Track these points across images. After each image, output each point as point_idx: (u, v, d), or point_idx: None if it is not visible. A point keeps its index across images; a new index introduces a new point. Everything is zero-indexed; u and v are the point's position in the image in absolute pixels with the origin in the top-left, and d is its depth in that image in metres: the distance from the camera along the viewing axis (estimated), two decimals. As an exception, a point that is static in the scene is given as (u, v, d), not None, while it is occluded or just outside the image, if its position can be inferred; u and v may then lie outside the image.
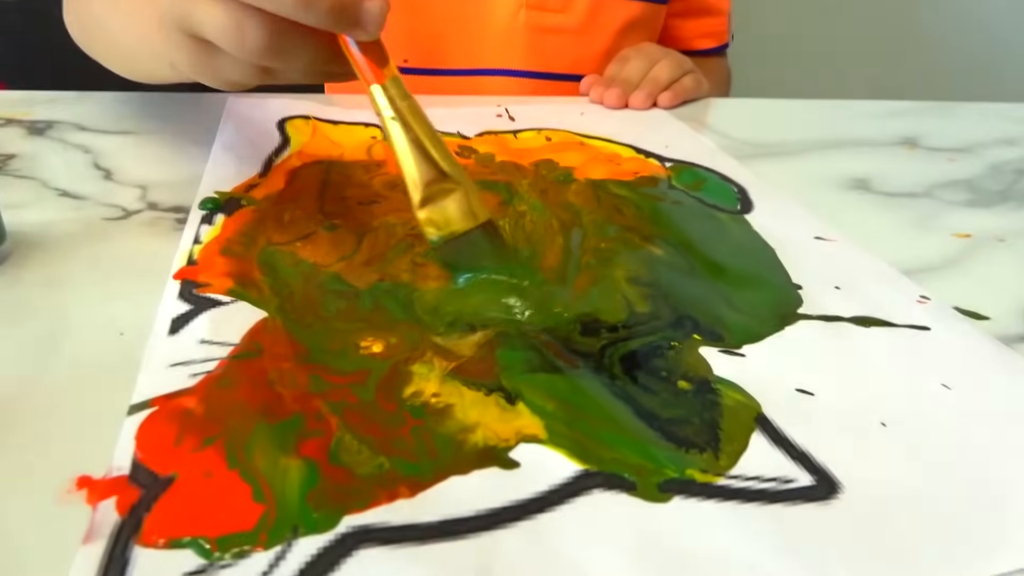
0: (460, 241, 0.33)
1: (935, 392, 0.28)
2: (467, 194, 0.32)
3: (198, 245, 0.35)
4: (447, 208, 0.32)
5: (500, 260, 0.34)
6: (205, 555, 0.20)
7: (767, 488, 0.23)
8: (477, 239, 0.33)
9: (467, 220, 0.32)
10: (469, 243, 0.33)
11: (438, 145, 0.32)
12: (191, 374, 0.26)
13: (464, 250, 0.33)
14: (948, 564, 0.21)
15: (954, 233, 0.42)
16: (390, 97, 0.32)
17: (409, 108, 0.32)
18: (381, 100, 0.32)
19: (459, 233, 0.32)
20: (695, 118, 0.60)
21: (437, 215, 0.32)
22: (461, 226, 0.32)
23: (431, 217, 0.32)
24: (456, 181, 0.32)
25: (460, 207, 0.32)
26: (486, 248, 0.33)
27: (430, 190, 0.32)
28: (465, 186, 0.32)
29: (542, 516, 0.22)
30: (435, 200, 0.32)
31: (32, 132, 0.49)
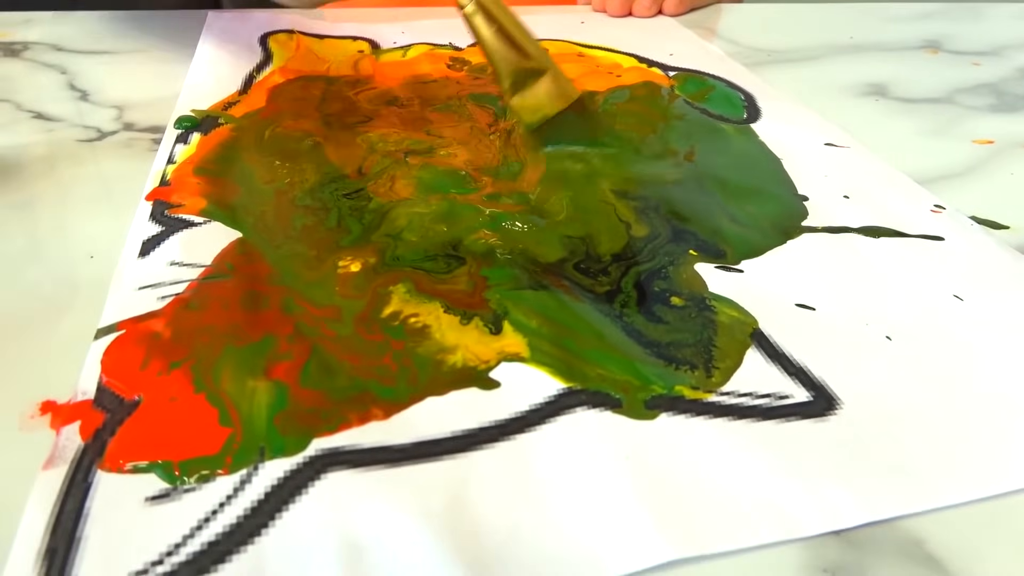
0: (554, 122, 0.34)
1: (947, 304, 0.27)
2: (555, 76, 0.34)
3: (172, 165, 0.33)
4: (537, 93, 0.34)
5: (594, 133, 0.36)
6: (169, 479, 0.19)
7: (760, 404, 0.22)
8: (570, 118, 0.34)
9: (558, 101, 0.34)
10: (564, 123, 0.34)
11: (521, 31, 0.34)
12: (160, 296, 0.25)
13: (562, 130, 0.34)
14: (952, 481, 0.20)
15: (975, 139, 0.40)
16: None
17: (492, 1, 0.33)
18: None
19: (551, 115, 0.34)
20: (703, 25, 0.57)
21: (529, 100, 0.34)
22: (552, 108, 0.34)
23: (523, 103, 0.34)
24: (543, 64, 0.34)
25: (549, 90, 0.34)
26: (579, 125, 0.35)
27: (518, 76, 0.34)
28: (551, 69, 0.34)
29: (521, 436, 0.21)
30: (525, 86, 0.34)
31: (7, 54, 0.47)
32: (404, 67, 0.45)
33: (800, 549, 0.18)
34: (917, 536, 0.18)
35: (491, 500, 0.19)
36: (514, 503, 0.19)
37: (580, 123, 0.35)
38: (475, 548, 0.18)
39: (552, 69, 0.34)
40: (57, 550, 0.17)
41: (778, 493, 0.19)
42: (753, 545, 0.18)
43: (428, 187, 0.32)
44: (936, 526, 0.19)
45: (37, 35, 0.50)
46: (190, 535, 0.18)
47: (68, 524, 0.18)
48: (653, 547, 0.18)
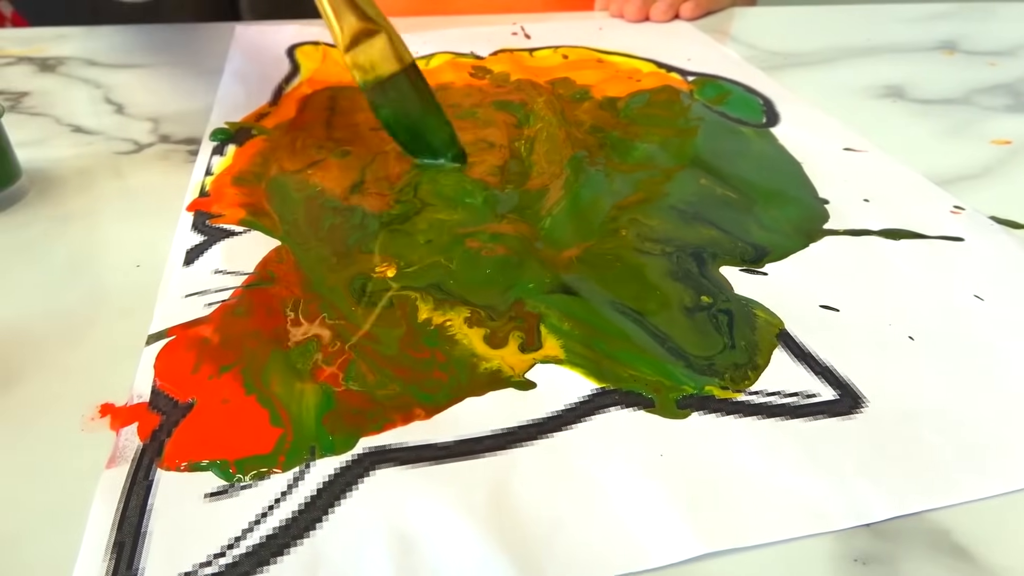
0: (387, 86, 0.34)
1: (968, 304, 0.27)
2: (391, 38, 0.34)
3: (210, 176, 0.34)
4: (372, 52, 0.34)
5: (424, 107, 0.35)
6: (226, 477, 0.20)
7: (788, 403, 0.23)
8: (402, 84, 0.35)
9: (391, 63, 0.34)
10: (395, 88, 0.34)
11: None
12: (207, 303, 0.26)
13: (392, 96, 0.35)
14: (975, 478, 0.20)
15: (993, 140, 0.40)
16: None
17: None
18: None
19: (384, 77, 0.34)
20: (719, 29, 0.58)
21: (363, 58, 0.34)
22: (386, 69, 0.34)
23: (357, 61, 0.34)
24: (379, 24, 0.34)
25: (383, 51, 0.34)
26: (411, 94, 0.35)
27: (354, 33, 0.34)
28: (388, 30, 0.34)
29: (559, 434, 0.21)
30: (360, 44, 0.34)
31: (43, 69, 0.49)
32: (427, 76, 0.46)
33: (831, 540, 0.19)
34: (944, 526, 0.19)
35: (532, 494, 0.20)
36: (555, 497, 0.20)
37: (412, 91, 0.35)
38: (519, 540, 0.18)
39: (388, 30, 0.34)
40: (124, 544, 0.18)
41: (808, 489, 0.20)
42: (785, 538, 0.19)
43: (447, 197, 0.33)
44: (962, 517, 0.19)
45: (70, 50, 0.51)
46: (249, 529, 0.19)
47: (133, 519, 0.19)
48: (689, 540, 0.19)
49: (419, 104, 0.35)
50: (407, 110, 0.35)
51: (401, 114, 0.35)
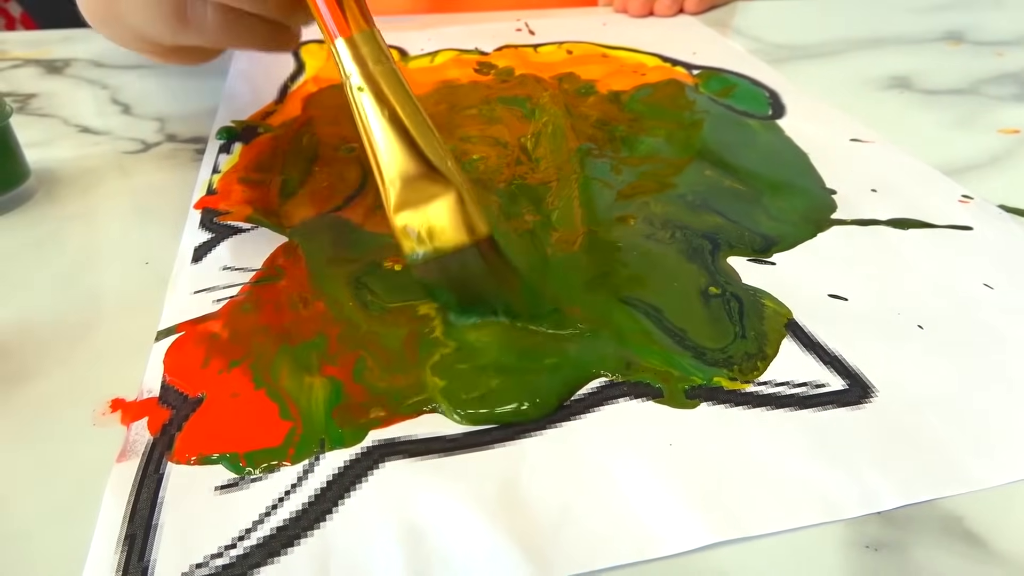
0: (448, 261, 0.24)
1: (977, 293, 0.27)
2: (462, 200, 0.24)
3: (217, 174, 0.34)
4: (433, 216, 0.24)
5: (499, 288, 0.25)
6: (235, 470, 0.20)
7: (797, 393, 0.23)
8: (471, 261, 0.24)
9: (459, 234, 0.24)
10: (460, 265, 0.24)
11: (424, 130, 0.24)
12: (215, 299, 0.26)
13: (452, 273, 0.25)
14: (985, 466, 0.20)
15: (1000, 129, 0.40)
16: (359, 58, 0.24)
17: (385, 75, 0.24)
18: (346, 61, 0.24)
19: (446, 251, 0.24)
20: (724, 22, 0.57)
21: (419, 223, 0.24)
22: (450, 242, 0.24)
23: (410, 225, 0.24)
24: (447, 180, 0.24)
25: (451, 217, 0.24)
26: (480, 272, 0.24)
27: (411, 189, 0.24)
28: (460, 188, 0.24)
29: (567, 424, 0.21)
30: (417, 204, 0.24)
31: (50, 71, 0.49)
32: (433, 73, 0.46)
33: (842, 527, 0.19)
34: (956, 513, 0.19)
35: (541, 484, 0.20)
36: (564, 487, 0.20)
37: (482, 268, 0.24)
38: (528, 529, 0.18)
39: (460, 188, 0.24)
40: (136, 536, 0.18)
41: (818, 478, 0.20)
42: (795, 527, 0.19)
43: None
44: (974, 503, 0.19)
45: (77, 52, 0.52)
46: (260, 520, 0.19)
47: (144, 512, 0.19)
48: (699, 529, 0.19)
49: (491, 284, 0.25)
50: (471, 290, 0.25)
51: (459, 292, 0.25)
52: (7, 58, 0.51)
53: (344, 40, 0.24)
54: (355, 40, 0.24)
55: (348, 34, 0.24)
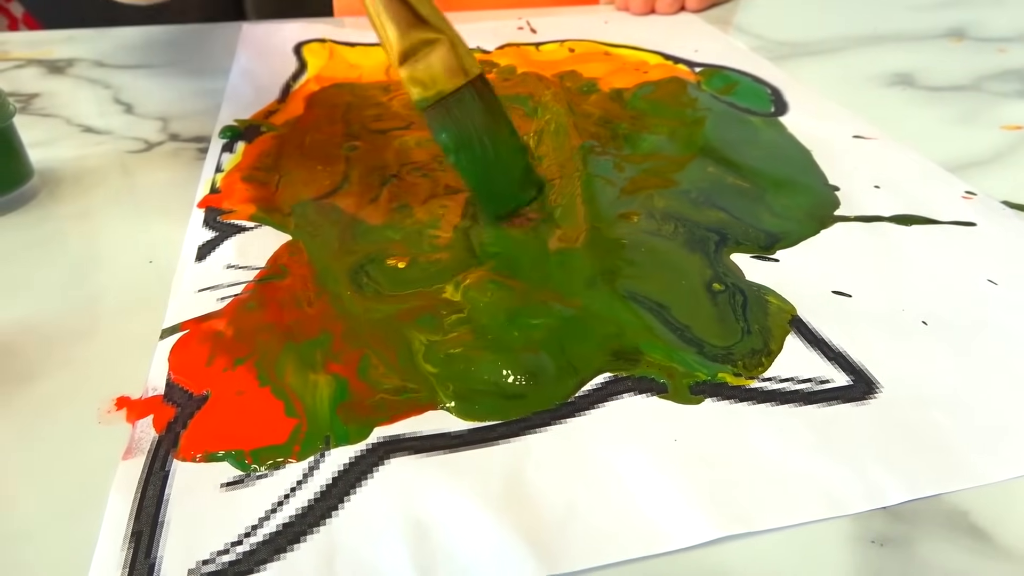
0: (449, 102, 0.28)
1: (981, 288, 0.27)
2: (454, 45, 0.28)
3: (220, 173, 0.34)
4: (432, 63, 0.28)
5: (493, 122, 0.29)
6: (241, 467, 0.20)
7: (802, 389, 0.23)
8: (468, 99, 0.28)
9: (455, 76, 0.28)
10: (459, 104, 0.28)
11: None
12: (219, 298, 0.26)
13: (455, 113, 0.28)
14: (990, 461, 0.20)
15: (1003, 125, 0.40)
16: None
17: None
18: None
19: (447, 92, 0.28)
20: (726, 20, 0.57)
21: (421, 72, 0.28)
22: (449, 84, 0.28)
23: (414, 75, 0.28)
24: (439, 30, 0.28)
25: (446, 61, 0.28)
26: (478, 110, 0.29)
27: (409, 41, 0.27)
28: (450, 36, 0.28)
29: (572, 420, 0.21)
30: (417, 54, 0.28)
31: (53, 71, 0.49)
32: (434, 72, 0.46)
33: (848, 522, 0.19)
34: (962, 508, 0.19)
35: (547, 480, 0.20)
36: (569, 482, 0.20)
37: (479, 108, 0.29)
38: (534, 525, 0.18)
39: (450, 35, 0.28)
40: (142, 533, 0.18)
41: (823, 473, 0.20)
42: (800, 522, 0.19)
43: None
44: (980, 499, 0.19)
45: (79, 52, 0.52)
46: (266, 517, 0.19)
47: (151, 509, 0.19)
48: (704, 524, 0.19)
49: (488, 123, 0.29)
50: (473, 131, 0.29)
51: (466, 137, 0.29)
52: (10, 58, 0.51)
53: None
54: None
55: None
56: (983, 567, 0.18)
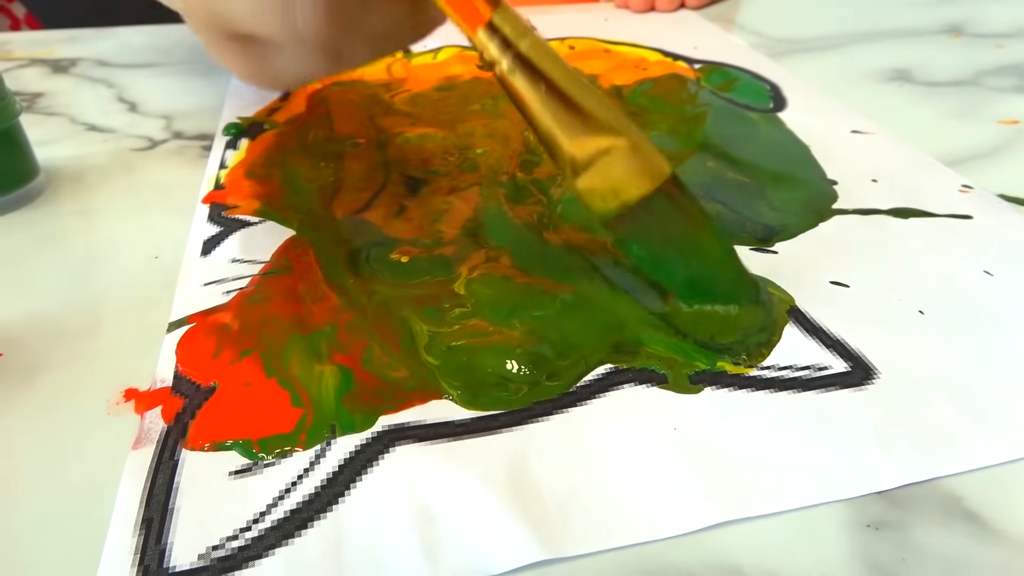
0: (637, 212, 0.24)
1: (977, 279, 0.27)
2: (635, 146, 0.23)
3: (224, 169, 0.35)
4: (611, 171, 0.23)
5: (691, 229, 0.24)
6: (249, 455, 0.20)
7: (800, 376, 0.23)
8: (659, 206, 0.24)
9: (642, 181, 0.23)
10: (649, 212, 0.24)
11: (582, 87, 0.23)
12: (225, 291, 0.27)
13: (644, 222, 0.24)
14: (984, 445, 0.21)
15: (1001, 120, 0.40)
16: (503, 39, 0.22)
17: (533, 47, 0.23)
18: (492, 46, 0.23)
19: (633, 202, 0.24)
20: (725, 17, 0.58)
21: (599, 182, 0.23)
22: (634, 192, 0.23)
23: (593, 187, 0.24)
24: (616, 131, 0.23)
25: (629, 167, 0.23)
26: (673, 215, 0.24)
27: (583, 151, 0.23)
28: (630, 135, 0.23)
29: (574, 410, 0.22)
30: (593, 164, 0.23)
31: (56, 70, 0.49)
32: (436, 69, 0.47)
33: (844, 507, 0.19)
34: (956, 493, 0.19)
35: (549, 467, 0.20)
36: (571, 469, 0.20)
37: (673, 213, 0.24)
38: (537, 510, 0.19)
39: (631, 135, 0.23)
40: (153, 520, 0.19)
41: (821, 458, 0.20)
42: (798, 507, 0.19)
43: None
44: (973, 483, 0.20)
45: (82, 52, 0.52)
46: (274, 504, 0.19)
47: (161, 497, 0.19)
48: (704, 509, 0.19)
49: (685, 231, 0.25)
50: (667, 240, 0.25)
51: (659, 247, 0.25)
52: (13, 58, 0.51)
53: (484, 27, 0.22)
54: (494, 23, 0.22)
55: (484, 19, 0.22)
56: (976, 550, 0.18)
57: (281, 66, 0.24)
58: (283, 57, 0.24)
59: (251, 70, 0.25)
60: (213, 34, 0.23)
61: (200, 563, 0.18)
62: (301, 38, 0.22)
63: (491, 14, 0.22)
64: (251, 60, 0.24)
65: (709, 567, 0.18)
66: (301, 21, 0.21)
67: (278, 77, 0.25)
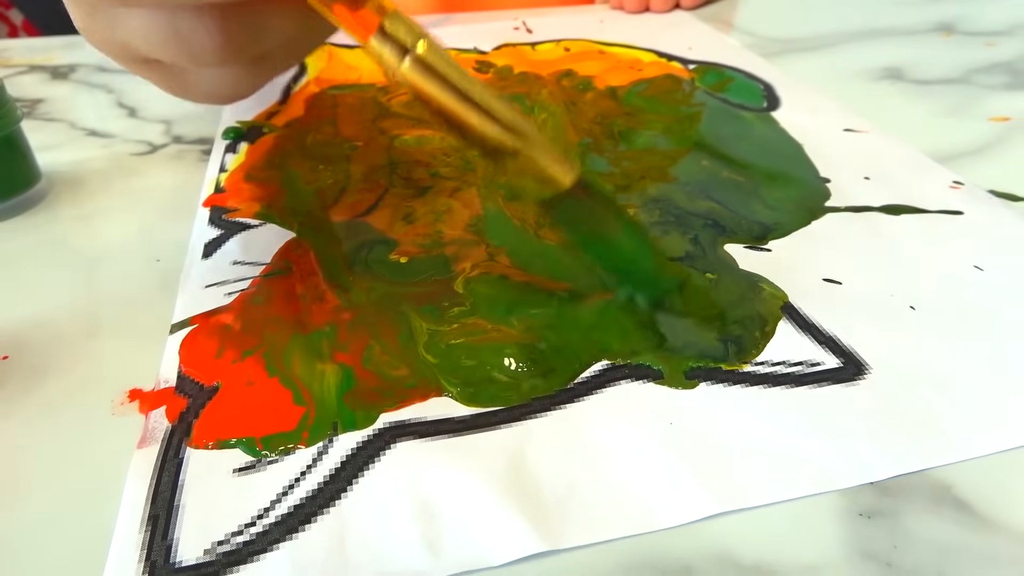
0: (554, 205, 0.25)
1: (967, 274, 0.28)
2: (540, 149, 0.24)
3: (224, 173, 0.35)
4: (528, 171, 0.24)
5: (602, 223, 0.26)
6: (252, 453, 0.21)
7: (793, 372, 0.23)
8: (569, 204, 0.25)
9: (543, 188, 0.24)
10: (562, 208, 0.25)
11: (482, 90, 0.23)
12: (227, 293, 0.27)
13: (563, 215, 0.26)
14: (973, 437, 0.21)
15: (991, 117, 0.41)
16: (397, 42, 0.22)
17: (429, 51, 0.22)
18: (386, 51, 0.22)
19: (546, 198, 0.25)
20: (719, 17, 0.58)
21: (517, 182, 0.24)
22: (543, 192, 0.24)
23: (514, 184, 0.24)
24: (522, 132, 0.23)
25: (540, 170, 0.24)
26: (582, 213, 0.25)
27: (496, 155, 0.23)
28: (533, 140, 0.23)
29: (571, 406, 0.22)
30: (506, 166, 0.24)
31: (56, 76, 0.50)
32: (432, 72, 0.47)
33: (837, 496, 0.19)
34: (945, 482, 0.20)
35: (547, 462, 0.20)
36: (570, 464, 0.20)
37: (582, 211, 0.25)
38: (535, 504, 0.19)
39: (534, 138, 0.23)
40: (159, 516, 0.19)
41: (814, 450, 0.21)
42: (792, 497, 0.19)
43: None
44: (963, 472, 0.20)
45: (80, 58, 0.52)
46: (277, 500, 0.19)
47: (166, 494, 0.20)
48: (700, 501, 0.19)
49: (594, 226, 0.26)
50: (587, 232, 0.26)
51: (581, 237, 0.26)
52: (11, 64, 0.52)
53: (376, 34, 0.22)
54: (385, 27, 0.22)
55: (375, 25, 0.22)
56: (965, 537, 0.18)
57: (204, 85, 0.24)
58: (200, 76, 0.24)
59: (176, 90, 0.25)
60: (123, 60, 0.24)
61: (206, 558, 0.18)
62: (201, 63, 0.22)
63: (381, 20, 0.22)
64: (172, 81, 0.24)
65: (705, 557, 0.18)
66: (196, 47, 0.21)
67: (209, 93, 0.25)
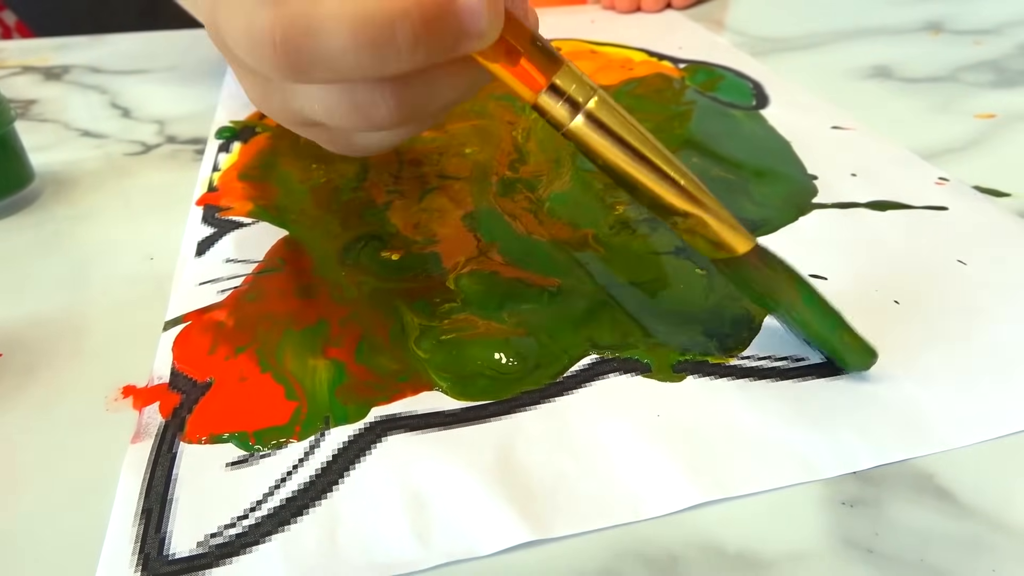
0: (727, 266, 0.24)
1: (951, 268, 0.28)
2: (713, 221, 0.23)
3: (217, 172, 0.35)
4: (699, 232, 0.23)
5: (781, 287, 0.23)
6: (245, 447, 0.21)
7: (779, 366, 0.24)
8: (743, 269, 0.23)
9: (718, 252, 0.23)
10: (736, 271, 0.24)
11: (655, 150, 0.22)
12: (220, 290, 0.27)
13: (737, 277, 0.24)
14: (955, 427, 0.21)
15: (977, 114, 0.41)
16: (569, 99, 0.21)
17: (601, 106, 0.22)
18: (557, 107, 0.21)
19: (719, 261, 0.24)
20: (710, 17, 0.59)
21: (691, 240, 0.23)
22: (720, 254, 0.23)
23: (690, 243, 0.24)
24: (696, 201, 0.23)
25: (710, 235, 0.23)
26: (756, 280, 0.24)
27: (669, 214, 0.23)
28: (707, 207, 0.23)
29: (560, 399, 0.23)
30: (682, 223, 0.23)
31: (49, 77, 0.50)
32: (424, 72, 0.47)
33: (821, 485, 0.20)
34: (927, 471, 0.20)
35: (537, 453, 0.21)
36: (558, 455, 0.21)
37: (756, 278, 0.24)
38: (525, 494, 0.19)
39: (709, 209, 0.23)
40: (152, 510, 0.19)
41: (798, 441, 0.21)
42: (776, 487, 0.20)
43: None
44: (944, 462, 0.20)
45: (74, 59, 0.53)
46: (270, 493, 0.20)
47: (160, 488, 0.20)
48: (686, 491, 0.20)
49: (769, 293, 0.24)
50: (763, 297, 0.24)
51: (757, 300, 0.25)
52: (5, 66, 0.52)
53: (545, 91, 0.21)
54: (557, 83, 0.21)
55: (544, 83, 0.21)
56: (946, 524, 0.19)
57: (368, 142, 0.26)
58: (368, 137, 0.26)
59: (341, 148, 0.27)
60: (292, 125, 0.25)
61: (199, 550, 0.18)
62: (376, 128, 0.22)
63: (553, 77, 0.21)
64: (339, 140, 0.26)
65: (691, 546, 0.19)
66: (373, 116, 0.21)
67: (370, 148, 0.27)
